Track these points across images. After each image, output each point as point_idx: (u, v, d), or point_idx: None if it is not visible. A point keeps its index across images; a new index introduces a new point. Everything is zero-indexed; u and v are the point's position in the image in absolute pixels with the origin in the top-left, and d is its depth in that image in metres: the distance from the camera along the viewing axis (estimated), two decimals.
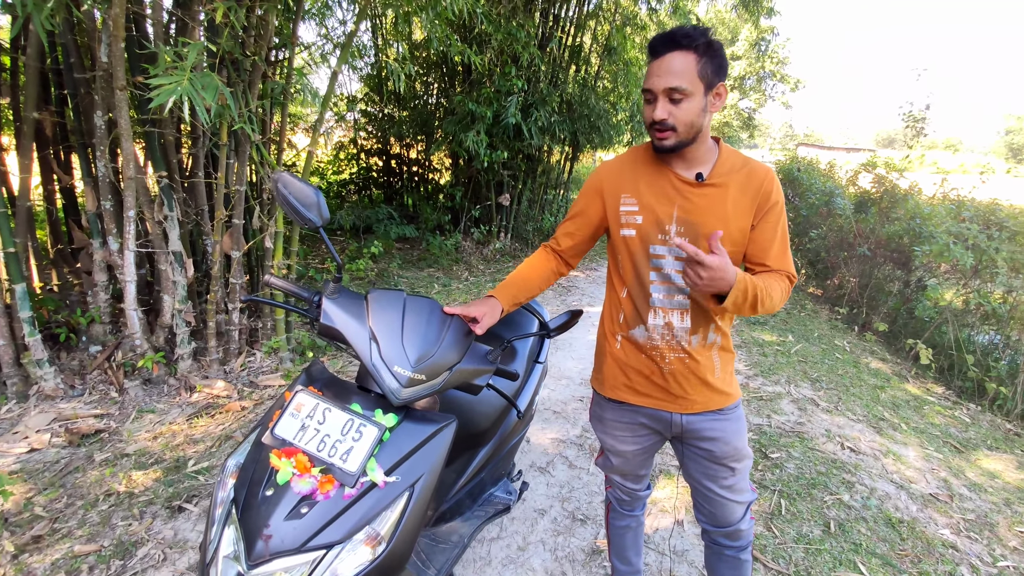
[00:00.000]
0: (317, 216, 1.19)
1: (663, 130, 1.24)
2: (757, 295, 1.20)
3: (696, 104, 1.23)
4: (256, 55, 3.20)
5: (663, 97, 1.22)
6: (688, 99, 1.21)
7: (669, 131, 1.24)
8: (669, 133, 1.24)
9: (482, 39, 6.31)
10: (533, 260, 1.54)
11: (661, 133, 1.25)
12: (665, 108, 1.22)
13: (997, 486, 2.98)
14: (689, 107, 1.22)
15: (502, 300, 1.42)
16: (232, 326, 3.65)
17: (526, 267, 1.52)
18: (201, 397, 3.27)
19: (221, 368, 3.62)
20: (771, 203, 1.32)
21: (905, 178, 5.85)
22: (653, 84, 1.23)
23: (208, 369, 3.55)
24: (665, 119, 1.22)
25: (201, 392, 3.32)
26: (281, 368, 3.72)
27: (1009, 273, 4.30)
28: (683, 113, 1.22)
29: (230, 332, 3.66)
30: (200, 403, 3.19)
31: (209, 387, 3.38)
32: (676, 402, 1.39)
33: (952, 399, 4.29)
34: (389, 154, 8.73)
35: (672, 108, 1.22)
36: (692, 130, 1.25)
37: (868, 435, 3.23)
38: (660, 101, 1.22)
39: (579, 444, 2.85)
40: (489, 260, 7.49)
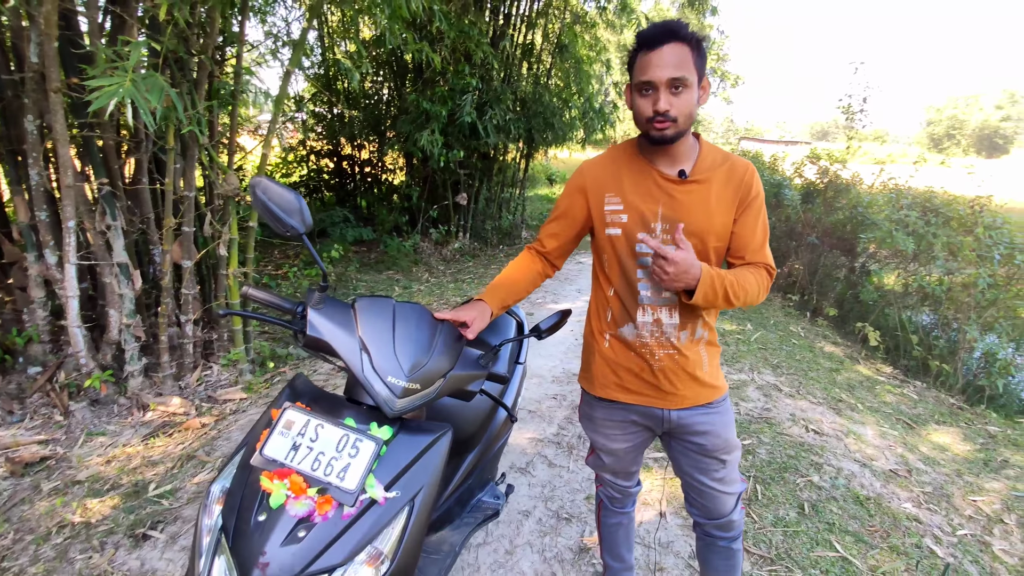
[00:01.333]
0: (300, 223, 1.13)
1: (665, 121, 1.23)
2: (727, 289, 1.24)
3: (694, 95, 1.24)
4: (202, 54, 3.04)
5: (665, 88, 1.21)
6: (688, 90, 1.22)
7: (670, 122, 1.23)
8: (670, 124, 1.23)
9: (435, 37, 6.23)
10: (519, 263, 1.52)
11: (662, 123, 1.23)
12: (667, 99, 1.21)
13: (948, 458, 3.15)
14: (689, 98, 1.23)
15: (491, 303, 1.39)
16: (185, 339, 3.48)
17: (512, 270, 1.50)
18: (156, 416, 3.09)
19: (176, 384, 3.43)
20: (752, 197, 1.34)
21: (847, 169, 6.12)
22: (654, 75, 1.21)
23: (161, 386, 3.36)
24: (668, 110, 1.21)
25: (155, 410, 3.14)
26: (241, 380, 3.57)
27: (947, 257, 4.55)
28: (683, 104, 1.23)
29: (183, 345, 3.48)
30: (155, 422, 3.02)
31: (164, 404, 3.20)
32: (666, 398, 1.40)
33: (900, 378, 4.52)
34: (340, 155, 8.52)
35: (673, 99, 1.22)
36: (690, 121, 1.26)
37: (829, 417, 3.36)
38: (662, 92, 1.21)
39: (557, 442, 2.84)
40: (449, 260, 7.41)
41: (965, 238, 4.50)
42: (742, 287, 1.27)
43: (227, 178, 3.31)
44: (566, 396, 3.35)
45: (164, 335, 3.31)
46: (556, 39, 7.94)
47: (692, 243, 1.31)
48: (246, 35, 3.52)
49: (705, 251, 1.33)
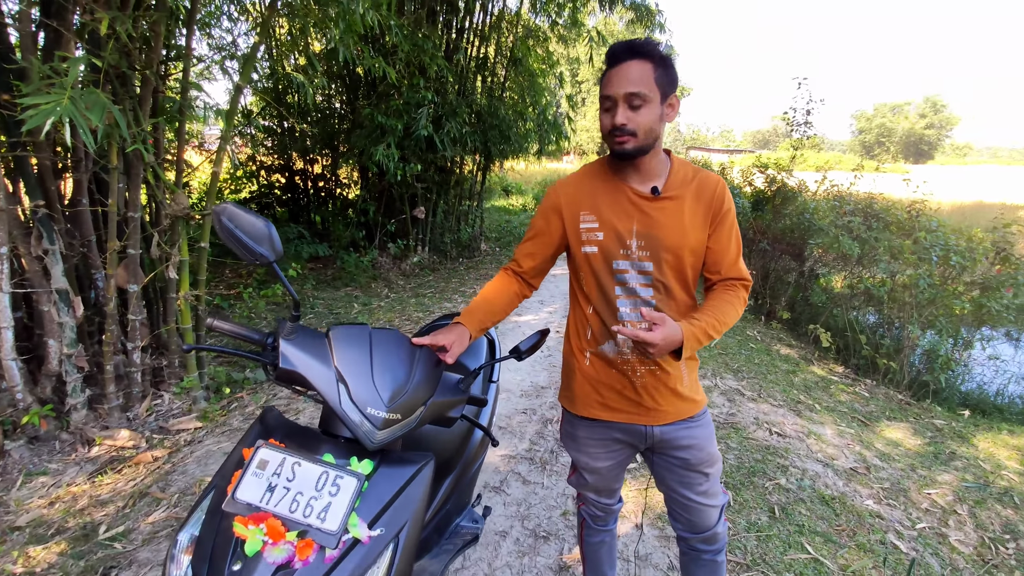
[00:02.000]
0: (270, 250, 1.07)
1: (623, 135, 1.26)
2: (708, 332, 1.27)
3: (654, 111, 1.25)
4: (147, 69, 2.90)
5: (623, 103, 1.24)
6: (647, 105, 1.24)
7: (629, 136, 1.26)
8: (628, 138, 1.26)
9: (389, 50, 6.17)
10: (496, 284, 1.50)
11: (621, 137, 1.26)
12: (625, 113, 1.24)
13: (901, 453, 3.28)
14: (648, 113, 1.25)
15: (469, 326, 1.36)
16: (133, 367, 3.29)
17: (489, 291, 1.47)
18: (103, 451, 2.90)
19: (124, 415, 3.24)
20: (724, 211, 1.36)
21: (794, 177, 6.38)
22: (613, 90, 1.24)
23: (108, 418, 3.17)
24: (625, 124, 1.24)
25: (102, 445, 2.95)
26: (195, 409, 3.40)
27: (889, 260, 4.78)
28: (642, 119, 1.25)
29: (131, 374, 3.29)
30: (102, 458, 2.84)
31: (111, 438, 3.01)
32: (649, 414, 1.40)
33: (851, 377, 4.70)
34: (292, 170, 8.31)
35: (631, 114, 1.25)
36: (651, 136, 1.28)
37: (790, 419, 3.45)
38: (620, 107, 1.24)
39: (529, 458, 2.81)
40: (408, 275, 7.32)
41: (905, 242, 4.74)
42: (722, 322, 1.30)
43: (175, 197, 3.16)
44: (535, 410, 3.33)
45: (109, 364, 3.12)
46: (509, 52, 8.00)
47: (668, 259, 1.32)
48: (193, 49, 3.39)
49: (681, 266, 1.34)
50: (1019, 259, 4.50)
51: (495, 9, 7.82)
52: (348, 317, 5.36)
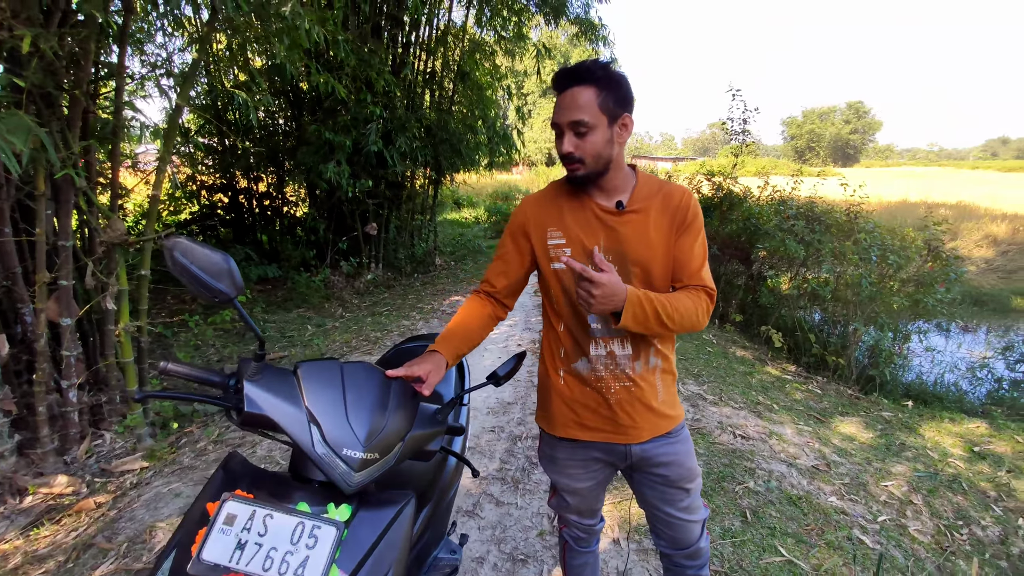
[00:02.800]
0: (230, 286, 0.99)
1: (572, 162, 1.27)
2: (658, 310, 1.22)
3: (600, 136, 1.25)
4: (76, 88, 2.73)
5: (568, 131, 1.25)
6: (592, 131, 1.24)
7: (577, 163, 1.27)
8: (578, 165, 1.28)
9: (334, 66, 6.05)
10: (469, 309, 1.46)
11: (571, 165, 1.28)
12: (571, 141, 1.25)
13: (856, 447, 3.40)
14: (594, 139, 1.25)
15: (445, 354, 1.31)
16: (69, 407, 3.06)
17: (463, 316, 1.44)
18: (37, 500, 2.67)
19: (60, 459, 3.00)
20: (688, 220, 1.35)
21: (738, 183, 6.60)
22: (558, 118, 1.26)
23: (42, 464, 2.92)
24: (572, 152, 1.26)
25: (36, 494, 2.72)
26: (140, 447, 3.18)
27: (833, 261, 5.00)
28: (589, 145, 1.25)
29: (67, 414, 3.06)
30: (38, 508, 2.61)
31: (47, 486, 2.78)
32: (626, 432, 1.38)
33: (804, 375, 4.87)
34: (235, 189, 8.01)
35: (578, 141, 1.25)
36: (600, 161, 1.28)
37: (752, 420, 3.53)
38: (567, 135, 1.25)
39: (501, 478, 2.75)
40: (363, 293, 7.15)
41: (847, 243, 4.97)
42: (675, 309, 1.24)
43: (110, 223, 2.97)
44: (503, 427, 3.28)
45: (42, 405, 2.89)
46: (457, 66, 8.00)
47: (636, 272, 1.32)
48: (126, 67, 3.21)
49: (650, 280, 1.34)
50: (947, 255, 4.79)
51: (440, 23, 7.81)
52: (302, 340, 5.17)
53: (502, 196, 19.70)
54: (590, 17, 8.26)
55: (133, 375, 3.26)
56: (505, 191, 20.67)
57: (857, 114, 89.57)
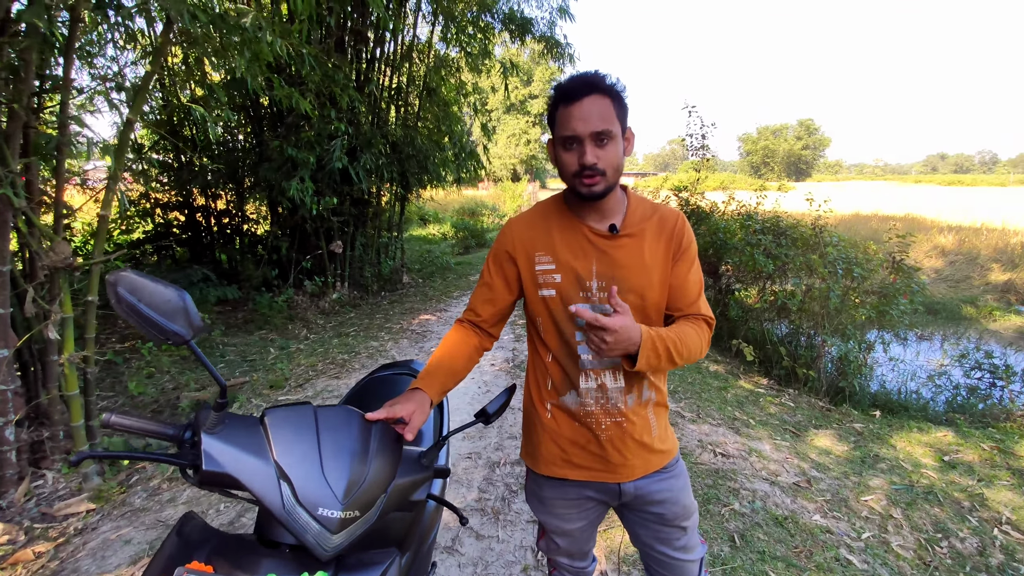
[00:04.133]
0: (185, 326, 0.86)
1: (593, 175, 1.17)
2: (670, 348, 1.16)
3: (619, 147, 1.19)
4: (15, 102, 2.53)
5: (590, 141, 1.16)
6: (613, 142, 1.17)
7: (599, 176, 1.18)
8: (599, 178, 1.18)
9: (296, 80, 5.90)
10: (452, 341, 1.36)
11: (591, 179, 1.18)
12: (594, 152, 1.16)
13: (833, 461, 3.40)
14: (615, 150, 1.18)
15: (430, 392, 1.20)
16: (5, 446, 2.81)
17: (448, 349, 1.33)
18: None
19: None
20: (684, 247, 1.30)
21: (705, 198, 6.68)
22: (577, 128, 1.15)
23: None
24: (595, 162, 1.16)
25: None
26: (87, 487, 2.95)
27: (804, 275, 5.07)
28: (610, 156, 1.18)
29: (3, 454, 2.81)
30: None
31: None
32: (617, 471, 1.29)
33: (775, 388, 4.90)
34: (192, 206, 7.71)
35: (600, 152, 1.16)
36: (617, 174, 1.21)
37: (731, 437, 3.50)
38: (588, 145, 1.16)
39: (480, 509, 2.62)
40: (328, 313, 6.93)
41: (814, 256, 5.06)
42: (684, 344, 1.20)
43: (54, 246, 2.76)
44: (480, 454, 3.15)
45: None
46: (422, 82, 7.93)
47: (631, 300, 1.24)
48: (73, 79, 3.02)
49: (644, 307, 1.27)
50: (909, 268, 4.92)
51: (405, 39, 7.75)
52: (264, 364, 4.94)
53: (469, 212, 19.65)
54: (555, 35, 8.31)
55: (79, 409, 3.03)
56: (472, 207, 20.64)
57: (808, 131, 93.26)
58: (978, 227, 14.84)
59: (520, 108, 40.98)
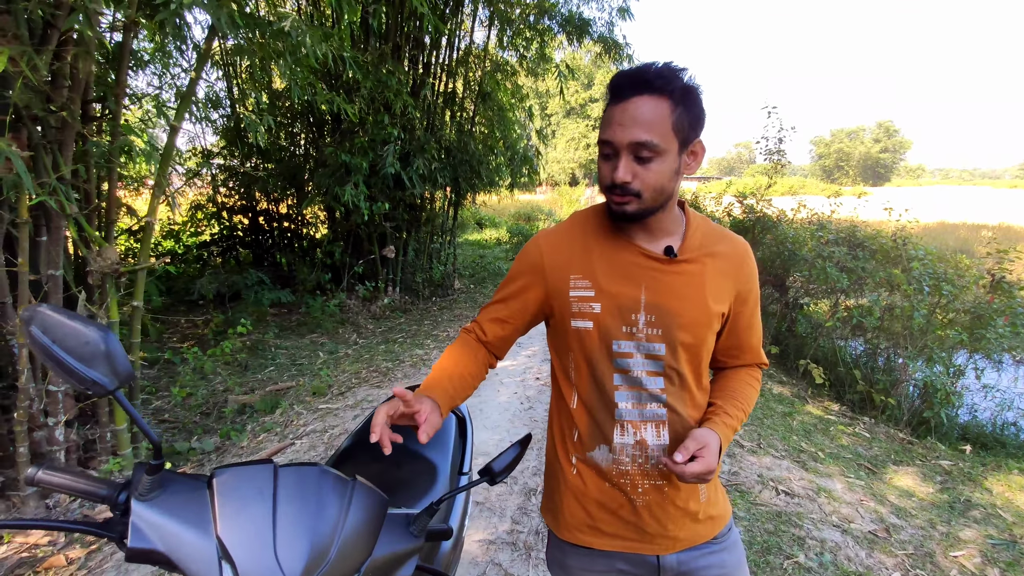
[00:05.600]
0: (107, 373, 0.72)
1: (624, 195, 0.96)
2: (737, 428, 1.08)
3: (669, 165, 0.96)
4: (65, 110, 2.57)
5: (627, 153, 0.94)
6: (659, 158, 0.94)
7: (631, 197, 0.96)
8: (631, 199, 0.97)
9: (351, 87, 5.93)
10: (461, 352, 1.16)
11: (621, 198, 0.97)
12: (629, 168, 0.94)
13: (916, 506, 3.01)
14: (660, 168, 0.95)
15: (440, 402, 1.01)
16: (55, 446, 2.87)
17: (455, 361, 1.13)
18: (11, 550, 2.46)
19: (42, 504, 2.80)
20: (750, 286, 1.10)
21: (772, 206, 6.25)
22: (615, 135, 0.94)
23: (23, 508, 2.73)
24: (628, 182, 0.94)
25: (11, 542, 2.51)
26: None
27: (888, 291, 4.61)
28: (652, 176, 0.95)
29: (52, 453, 2.87)
30: (10, 561, 2.39)
31: (23, 534, 2.57)
32: (654, 542, 1.08)
33: (848, 415, 4.46)
34: (256, 211, 7.97)
35: (638, 168, 0.94)
36: (661, 197, 0.98)
37: (796, 473, 3.17)
38: (623, 158, 0.94)
39: (512, 543, 2.44)
40: (379, 318, 6.94)
41: (896, 271, 4.58)
42: (745, 412, 1.10)
43: (101, 252, 2.80)
44: (516, 478, 2.97)
45: (23, 444, 2.70)
46: (478, 87, 7.86)
47: (683, 339, 1.02)
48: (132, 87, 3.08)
49: (699, 351, 1.05)
50: (1011, 286, 4.37)
51: (462, 44, 7.71)
52: (312, 369, 4.96)
53: (524, 217, 19.55)
54: (614, 36, 8.05)
55: (122, 413, 3.06)
56: (528, 212, 20.52)
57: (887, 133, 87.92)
58: None
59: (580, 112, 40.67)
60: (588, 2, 8.10)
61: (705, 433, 0.98)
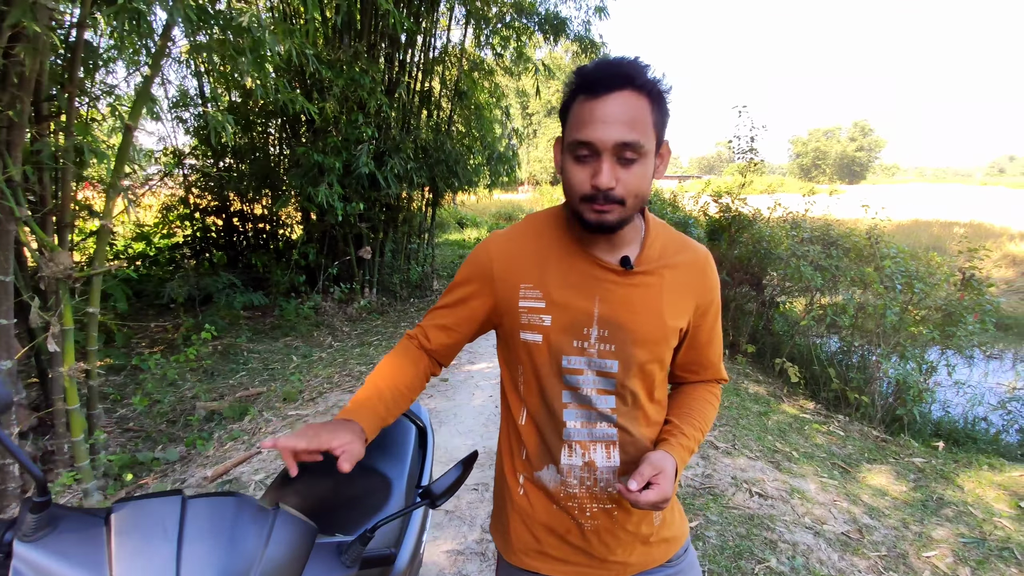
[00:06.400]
0: None
1: (607, 203, 0.87)
2: (694, 449, 1.02)
3: (649, 168, 0.89)
4: (11, 109, 2.46)
5: (610, 156, 0.85)
6: (642, 160, 0.87)
7: (615, 204, 0.87)
8: (614, 207, 0.87)
9: (324, 85, 5.83)
10: (398, 365, 1.07)
11: (604, 206, 0.87)
12: (612, 171, 0.85)
13: (889, 505, 3.02)
14: (642, 172, 0.87)
15: (364, 425, 0.92)
16: (7, 458, 2.74)
17: (390, 375, 1.05)
18: None
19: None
20: (710, 298, 1.04)
21: (747, 204, 6.27)
22: (598, 135, 0.84)
23: None
24: (613, 187, 0.85)
25: None
26: (86, 505, 2.85)
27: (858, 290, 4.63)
28: (635, 179, 0.87)
29: (4, 468, 2.75)
30: None
31: None
32: (604, 567, 1.02)
33: (823, 413, 4.48)
34: (230, 211, 7.80)
35: (621, 172, 0.86)
36: (640, 203, 0.91)
37: (770, 474, 3.16)
38: (606, 161, 0.85)
39: (481, 552, 2.38)
40: (355, 320, 6.84)
41: (869, 269, 4.61)
42: (703, 432, 1.05)
43: (53, 257, 2.68)
44: (489, 485, 2.91)
45: None
46: (454, 86, 7.79)
47: (639, 356, 0.97)
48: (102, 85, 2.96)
49: (649, 366, 0.99)
50: (980, 283, 4.42)
51: (438, 43, 7.63)
52: (284, 373, 4.85)
53: (506, 216, 19.51)
54: (590, 35, 8.02)
55: (79, 423, 2.94)
56: (509, 211, 20.49)
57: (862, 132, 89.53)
58: None
59: None
60: (565, 1, 8.03)
61: (661, 457, 0.91)
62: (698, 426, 1.02)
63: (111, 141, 5.27)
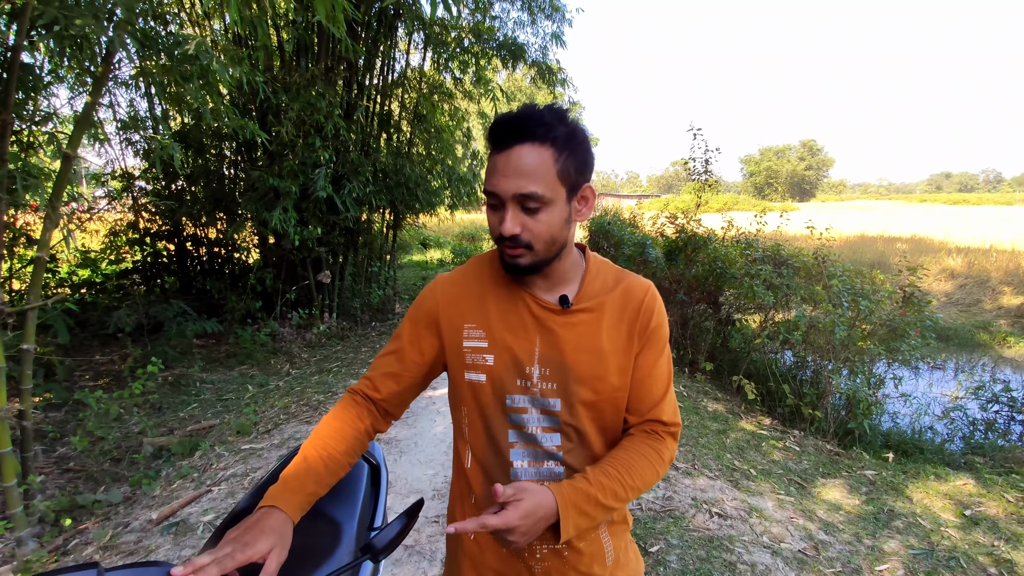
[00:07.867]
0: None
1: (515, 247, 0.92)
2: (602, 500, 0.89)
3: (558, 214, 0.91)
4: None
5: (513, 205, 0.89)
6: (547, 208, 0.89)
7: (523, 249, 0.92)
8: (523, 251, 0.92)
9: (278, 109, 5.76)
10: (336, 425, 1.03)
11: (512, 250, 0.92)
12: (517, 220, 0.89)
13: (843, 519, 3.09)
14: (549, 219, 0.90)
15: (290, 511, 0.90)
16: None
17: (326, 438, 1.01)
18: None
19: None
20: (651, 329, 1.01)
21: (702, 224, 6.44)
22: (499, 186, 0.89)
23: None
24: (518, 234, 0.90)
25: None
26: (20, 553, 2.67)
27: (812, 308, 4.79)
28: (541, 226, 0.90)
29: None
30: None
31: None
32: None
33: (779, 429, 4.58)
34: (182, 236, 7.57)
35: (526, 219, 0.90)
36: (554, 247, 0.94)
37: (729, 493, 3.20)
38: (510, 210, 0.89)
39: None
40: (314, 346, 6.69)
41: (818, 288, 4.78)
42: (630, 482, 0.92)
43: None
44: None
45: None
46: (414, 109, 7.81)
47: (581, 395, 0.96)
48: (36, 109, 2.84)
49: (598, 404, 0.99)
50: (920, 300, 4.63)
51: (398, 66, 7.65)
52: (238, 405, 4.69)
53: (469, 237, 19.53)
54: (547, 60, 8.19)
55: (12, 467, 2.77)
56: (472, 231, 20.52)
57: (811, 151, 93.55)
58: (987, 248, 14.52)
59: None
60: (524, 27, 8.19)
61: (537, 489, 0.85)
62: (618, 477, 0.92)
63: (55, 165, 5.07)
